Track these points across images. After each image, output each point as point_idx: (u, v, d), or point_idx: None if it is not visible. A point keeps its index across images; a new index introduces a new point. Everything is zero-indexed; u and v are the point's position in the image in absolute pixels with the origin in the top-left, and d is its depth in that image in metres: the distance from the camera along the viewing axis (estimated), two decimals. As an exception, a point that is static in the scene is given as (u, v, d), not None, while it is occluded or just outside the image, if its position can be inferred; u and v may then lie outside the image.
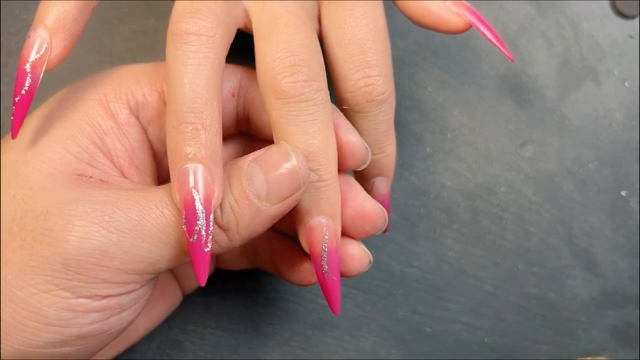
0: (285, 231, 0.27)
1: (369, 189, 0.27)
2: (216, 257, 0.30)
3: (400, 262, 0.32)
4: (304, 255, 0.26)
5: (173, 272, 0.29)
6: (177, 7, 0.22)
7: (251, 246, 0.28)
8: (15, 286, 0.20)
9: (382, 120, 0.25)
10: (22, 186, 0.21)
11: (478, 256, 0.33)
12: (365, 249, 0.25)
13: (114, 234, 0.20)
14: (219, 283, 0.31)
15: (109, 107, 0.23)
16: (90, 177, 0.22)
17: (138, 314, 0.23)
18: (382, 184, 0.27)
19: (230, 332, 0.31)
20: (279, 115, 0.22)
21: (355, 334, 0.32)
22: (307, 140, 0.21)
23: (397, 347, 0.32)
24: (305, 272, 0.26)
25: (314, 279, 0.26)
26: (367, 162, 0.25)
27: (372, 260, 0.25)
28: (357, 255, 0.24)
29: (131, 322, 0.22)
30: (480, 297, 0.32)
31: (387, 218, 0.25)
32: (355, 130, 0.24)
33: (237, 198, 0.21)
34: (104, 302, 0.21)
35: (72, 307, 0.20)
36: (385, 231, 0.29)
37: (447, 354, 0.32)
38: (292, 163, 0.21)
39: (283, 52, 0.22)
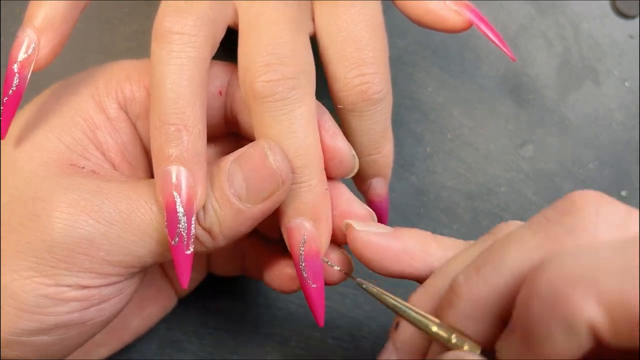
0: (267, 234, 0.27)
1: (365, 190, 0.27)
2: (207, 261, 0.29)
3: (400, 262, 0.32)
4: (285, 259, 0.25)
5: (166, 274, 0.29)
6: (162, 5, 0.22)
7: (239, 251, 0.28)
8: (1, 272, 0.20)
9: (379, 119, 0.24)
10: (14, 173, 0.21)
11: (478, 256, 0.33)
12: (348, 255, 0.24)
13: (102, 224, 0.20)
14: (219, 284, 0.31)
15: (100, 101, 0.23)
16: (82, 167, 0.22)
17: (121, 307, 0.22)
18: (379, 185, 0.27)
19: (230, 332, 0.31)
20: (255, 116, 0.22)
21: (355, 334, 0.32)
22: (281, 142, 0.21)
23: (397, 347, 0.32)
24: (284, 277, 0.25)
25: (294, 286, 0.25)
26: (354, 171, 0.24)
27: (354, 268, 0.24)
28: (335, 262, 0.23)
29: (113, 314, 0.22)
30: (480, 297, 0.32)
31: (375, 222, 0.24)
32: (343, 136, 0.23)
33: (219, 199, 0.21)
34: (84, 292, 0.20)
35: (51, 294, 0.20)
36: None
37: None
38: (269, 162, 0.21)
39: (261, 51, 0.21)
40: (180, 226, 0.20)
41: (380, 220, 0.28)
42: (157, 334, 0.31)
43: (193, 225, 0.20)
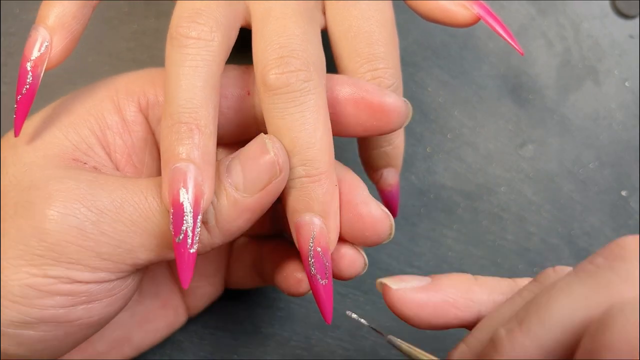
0: (286, 231, 0.26)
1: (377, 180, 0.27)
2: (225, 277, 0.29)
3: (400, 262, 0.32)
4: (295, 262, 0.25)
5: (178, 289, 0.28)
6: (177, 10, 0.22)
7: (258, 263, 0.28)
8: None
9: None
10: (16, 163, 0.21)
11: (478, 256, 0.33)
12: (361, 250, 0.23)
13: (94, 212, 0.20)
14: (219, 283, 0.31)
15: (118, 102, 0.23)
16: (85, 163, 0.22)
17: (112, 311, 0.22)
18: (390, 175, 0.27)
19: (230, 332, 0.31)
20: (266, 109, 0.21)
21: (355, 334, 0.32)
22: (291, 134, 0.21)
23: (397, 347, 0.32)
24: (293, 280, 0.24)
25: (302, 288, 0.24)
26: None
27: (367, 264, 0.24)
28: (349, 256, 0.23)
29: (103, 317, 0.22)
30: (480, 297, 0.32)
31: (392, 225, 0.23)
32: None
33: (215, 190, 0.21)
34: (72, 286, 0.20)
35: (38, 285, 0.20)
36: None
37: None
38: (267, 149, 0.21)
39: (272, 44, 0.21)
40: (186, 223, 0.20)
41: (391, 209, 0.28)
42: (157, 334, 0.31)
43: (198, 224, 0.20)
